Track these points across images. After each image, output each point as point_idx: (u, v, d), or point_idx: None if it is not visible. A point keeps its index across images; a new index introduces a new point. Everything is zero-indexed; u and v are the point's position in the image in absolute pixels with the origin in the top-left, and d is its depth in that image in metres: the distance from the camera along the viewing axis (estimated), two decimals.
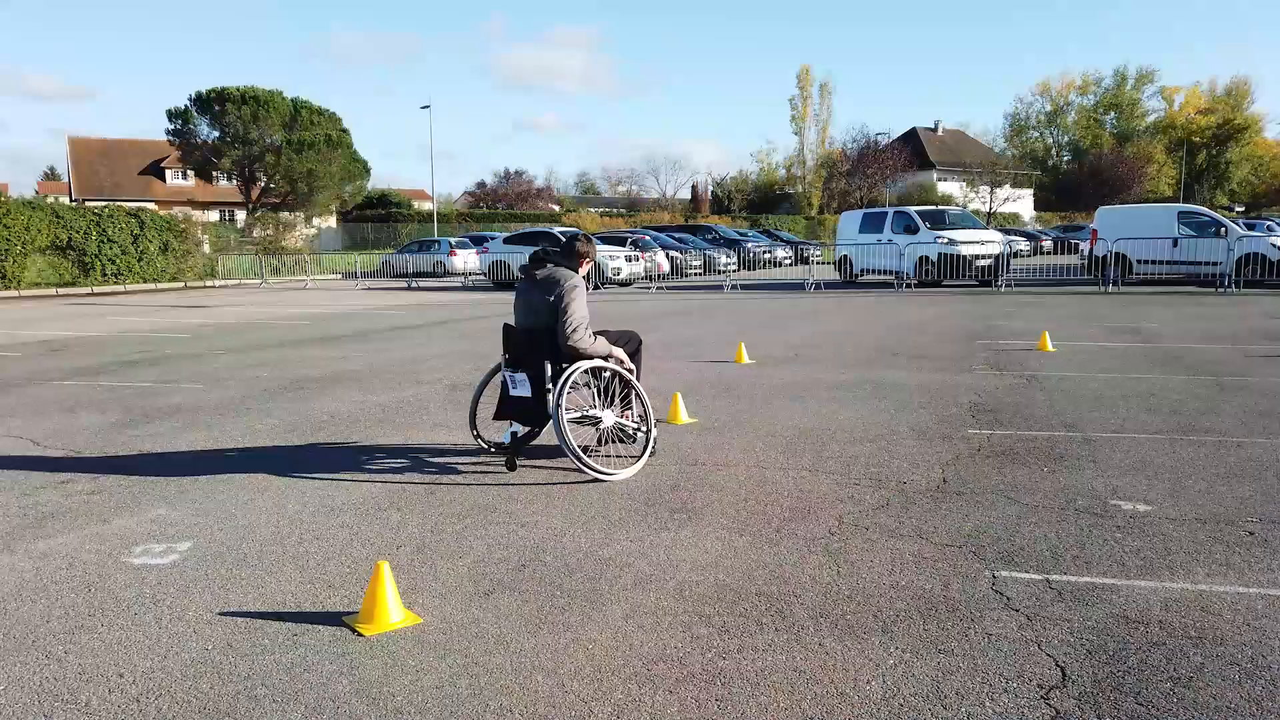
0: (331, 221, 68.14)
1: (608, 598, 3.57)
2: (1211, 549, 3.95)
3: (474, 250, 34.46)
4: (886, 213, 26.05)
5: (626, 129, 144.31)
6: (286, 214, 59.24)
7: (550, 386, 5.36)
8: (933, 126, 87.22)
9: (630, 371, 5.82)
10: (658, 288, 26.26)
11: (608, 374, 5.63)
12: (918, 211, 25.19)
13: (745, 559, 3.97)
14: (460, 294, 25.91)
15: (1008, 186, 75.42)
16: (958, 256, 22.99)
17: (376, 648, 3.16)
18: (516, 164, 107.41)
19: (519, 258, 27.81)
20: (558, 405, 5.24)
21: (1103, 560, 3.85)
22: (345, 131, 65.53)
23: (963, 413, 6.97)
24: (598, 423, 5.62)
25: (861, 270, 25.99)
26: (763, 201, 77.92)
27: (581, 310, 5.45)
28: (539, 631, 3.27)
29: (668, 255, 30.55)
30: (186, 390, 8.95)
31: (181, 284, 33.60)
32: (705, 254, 31.76)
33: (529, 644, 3.17)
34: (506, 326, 5.75)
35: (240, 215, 62.82)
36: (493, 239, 33.11)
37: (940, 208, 29.24)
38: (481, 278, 30.53)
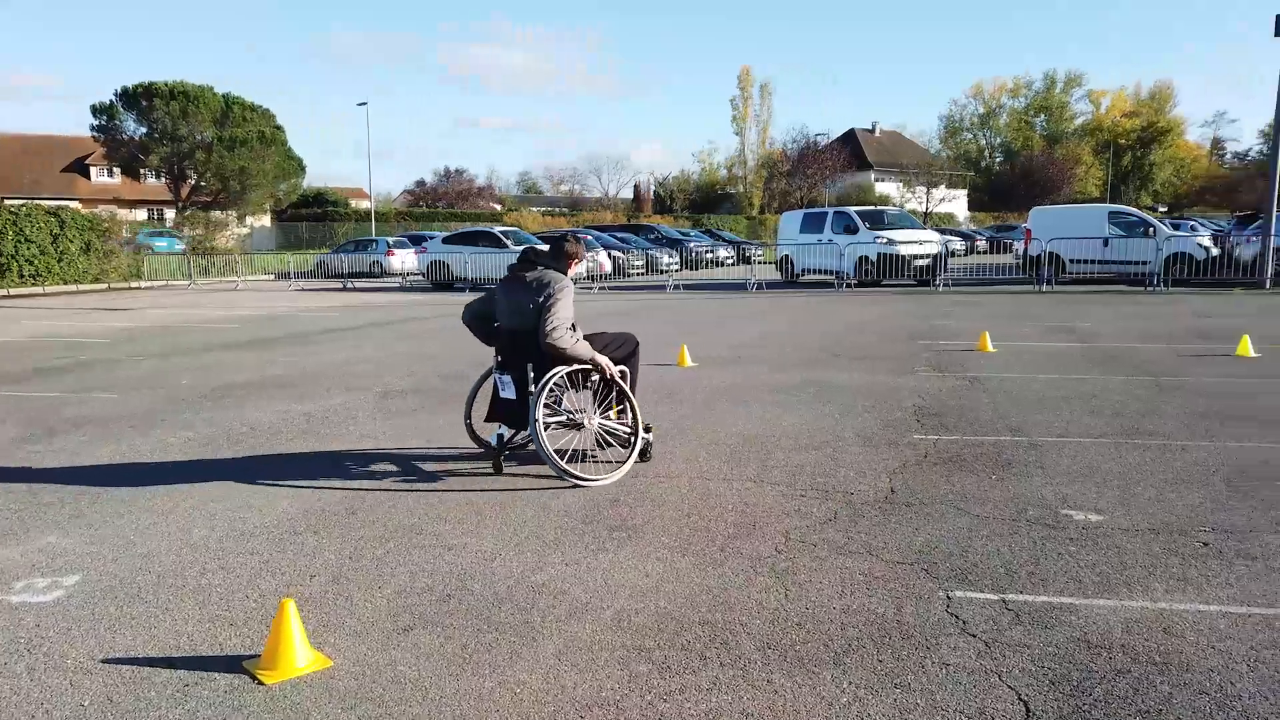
0: (266, 220, 66.44)
1: (539, 631, 3.29)
2: (1167, 562, 3.82)
3: (412, 250, 33.77)
4: (826, 213, 26.15)
5: (569, 129, 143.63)
6: (218, 213, 57.59)
7: (532, 389, 5.25)
8: (870, 128, 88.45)
9: (624, 376, 5.66)
10: (600, 287, 25.99)
11: (596, 377, 5.48)
12: (857, 211, 25.32)
13: (688, 582, 3.73)
14: (397, 295, 25.31)
15: (943, 187, 76.85)
16: (897, 256, 23.15)
17: (278, 699, 2.83)
18: (460, 163, 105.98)
19: (458, 258, 27.32)
20: (535, 408, 5.12)
21: (1058, 577, 3.69)
22: (279, 129, 63.89)
23: (907, 416, 6.84)
24: (580, 426, 5.46)
25: (803, 270, 26.04)
26: (705, 201, 78.14)
27: (565, 311, 5.32)
28: (461, 674, 2.98)
29: (610, 255, 30.29)
30: (98, 400, 8.41)
31: (105, 285, 32.29)
32: (648, 253, 31.57)
33: (450, 689, 2.88)
34: (495, 328, 5.67)
35: (170, 214, 60.85)
36: (431, 238, 32.50)
37: (879, 208, 29.48)
38: (420, 278, 29.91)
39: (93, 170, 65.79)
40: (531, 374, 5.32)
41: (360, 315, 17.88)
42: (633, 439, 5.52)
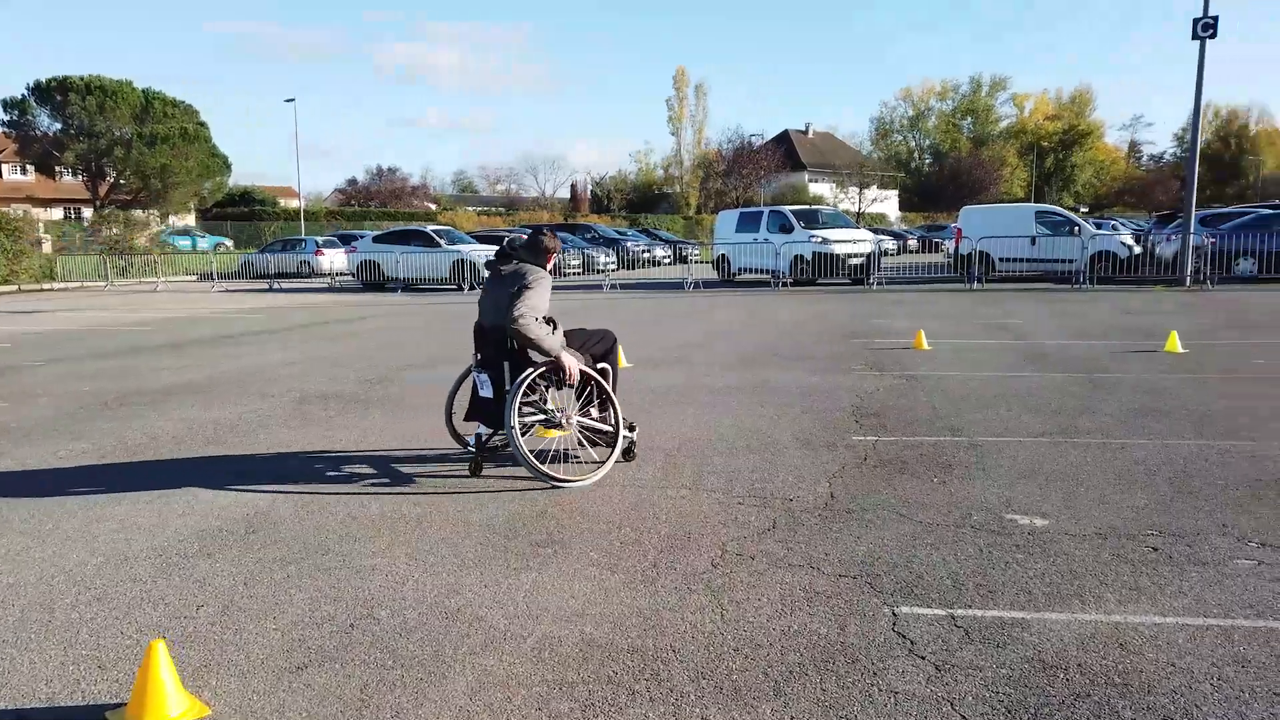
0: (191, 220, 64.32)
1: (451, 665, 2.97)
2: (1118, 570, 3.66)
3: (342, 250, 32.90)
4: (762, 212, 26.15)
5: (505, 129, 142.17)
6: (139, 212, 55.44)
7: (508, 389, 5.14)
8: (803, 129, 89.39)
9: (604, 374, 5.54)
10: None
11: (577, 376, 5.30)
12: (792, 211, 25.36)
13: (617, 604, 3.44)
14: (325, 296, 24.54)
15: (875, 188, 78.05)
16: (831, 255, 23.24)
17: None
18: (396, 162, 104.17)
19: (389, 257, 26.63)
20: (510, 410, 5.00)
21: (1008, 588, 3.50)
22: (203, 125, 61.88)
23: (845, 417, 6.66)
24: (560, 425, 5.34)
25: (739, 269, 25.99)
26: (642, 201, 78.04)
27: (536, 299, 5.18)
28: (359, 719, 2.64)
29: None
30: None
31: (15, 287, 30.74)
32: (584, 253, 31.23)
33: None
34: (477, 325, 5.47)
35: (88, 213, 58.47)
36: (361, 238, 31.65)
37: (814, 207, 29.62)
38: (349, 279, 29.09)
39: (4, 167, 62.88)
40: (508, 373, 5.20)
41: (285, 317, 17.21)
42: (615, 438, 5.32)
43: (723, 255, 26.63)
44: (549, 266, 5.50)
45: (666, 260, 37.30)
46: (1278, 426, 6.10)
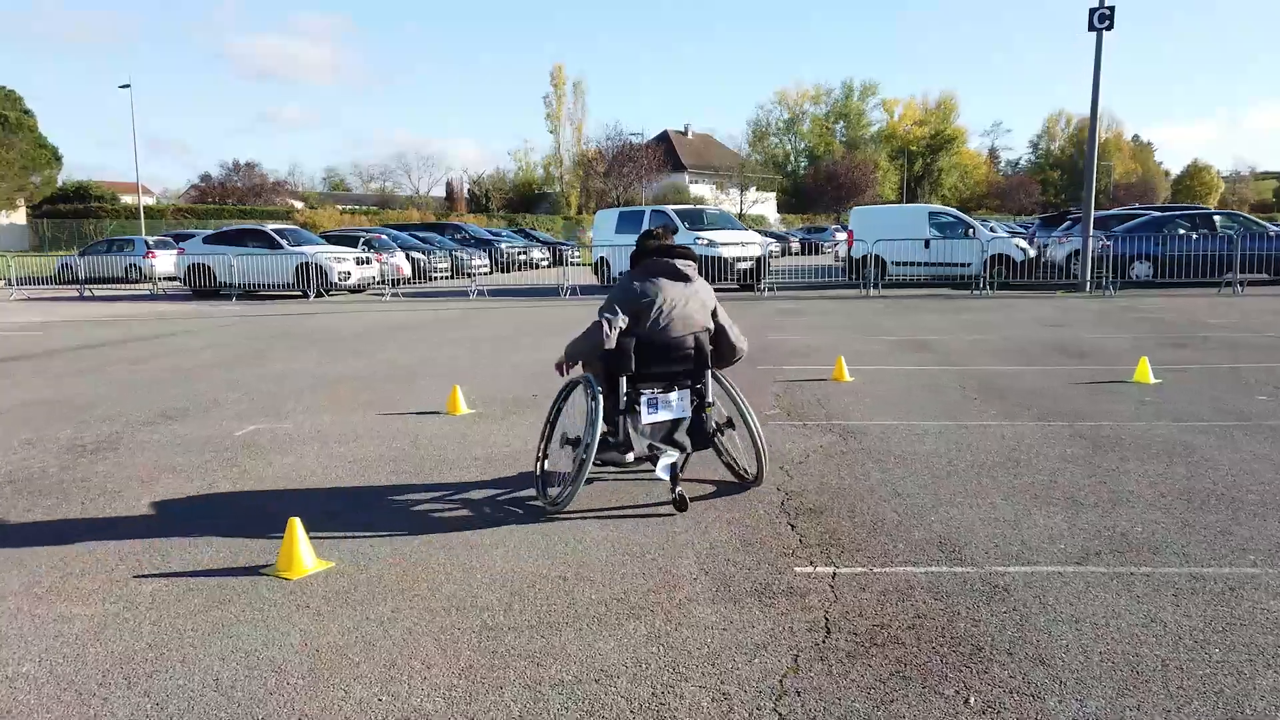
0: (20, 217, 57.91)
1: None
2: None
3: (176, 251, 29.07)
4: (644, 212, 24.09)
5: (379, 125, 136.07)
6: None
7: (712, 401, 4.78)
8: (683, 130, 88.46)
9: None
10: (392, 294, 22.71)
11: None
12: (676, 211, 23.42)
13: None
14: (144, 305, 21.04)
15: (754, 190, 77.66)
16: (719, 259, 21.37)
17: None
18: (262, 159, 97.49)
19: (221, 260, 23.25)
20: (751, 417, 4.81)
21: None
22: (28, 113, 55.89)
23: (774, 517, 4.47)
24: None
25: (618, 273, 23.85)
26: (521, 201, 75.30)
27: None
28: None
29: (409, 257, 27.00)
30: None
31: None
32: (453, 255, 28.49)
33: None
34: (652, 342, 4.55)
35: None
36: (193, 237, 27.96)
37: (699, 207, 27.81)
38: (178, 284, 25.48)
39: None
40: (710, 384, 4.79)
41: (65, 336, 13.96)
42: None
43: (603, 258, 24.43)
44: None
45: (545, 263, 34.84)
46: None
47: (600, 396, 4.46)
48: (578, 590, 3.59)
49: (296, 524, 3.89)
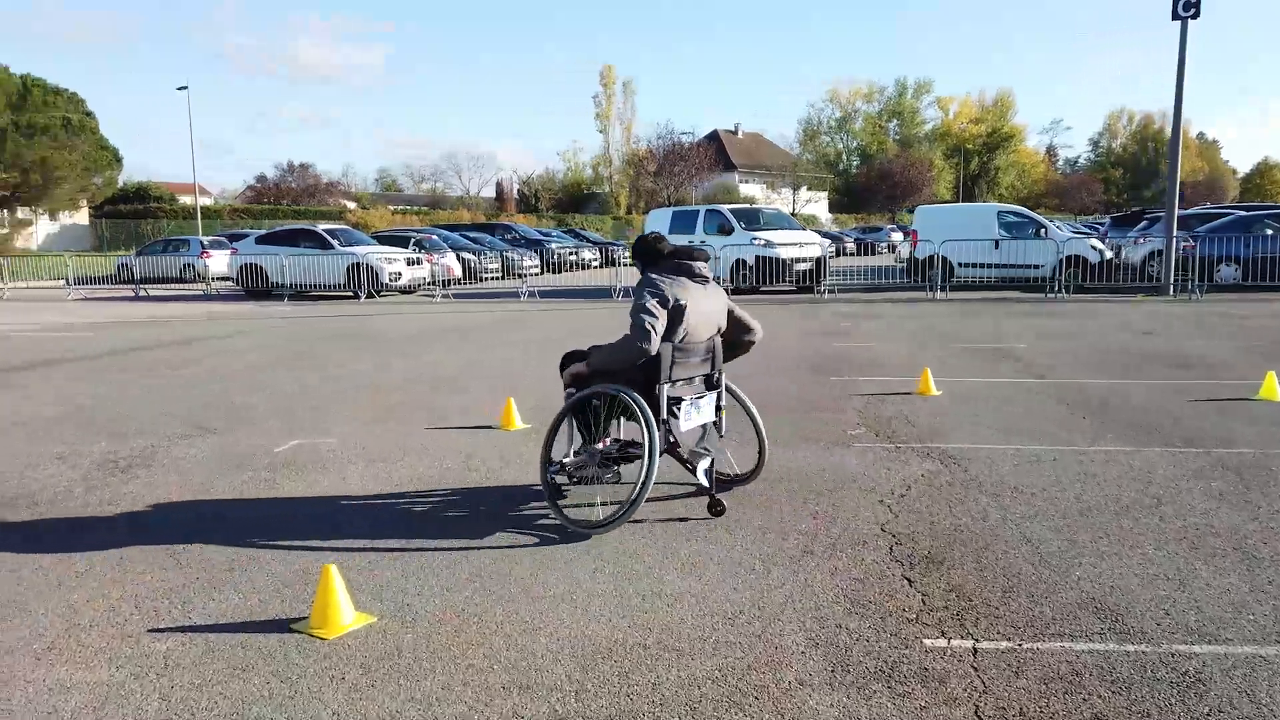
0: (83, 218, 59.21)
1: None
2: None
3: (230, 251, 29.18)
4: (698, 211, 23.42)
5: (430, 127, 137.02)
6: (24, 210, 50.51)
7: (721, 402, 4.72)
8: (733, 129, 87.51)
9: None
10: (442, 295, 22.36)
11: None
12: (732, 210, 22.72)
13: None
14: (197, 306, 20.96)
15: (805, 189, 76.47)
16: (776, 259, 20.62)
17: None
18: (318, 162, 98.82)
19: (273, 260, 23.14)
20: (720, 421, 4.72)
21: None
22: (90, 115, 56.92)
23: (885, 571, 3.82)
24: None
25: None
26: (570, 201, 75.10)
27: None
28: None
29: (459, 257, 26.71)
30: None
31: None
32: (504, 255, 28.13)
33: None
34: (685, 343, 4.42)
35: None
36: (246, 237, 27.98)
37: (755, 206, 27.08)
38: (232, 284, 25.45)
39: None
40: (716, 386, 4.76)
41: (116, 337, 13.76)
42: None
43: None
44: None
45: (595, 263, 34.34)
46: None
47: (649, 410, 4.23)
48: (662, 664, 3.00)
49: (333, 573, 3.35)
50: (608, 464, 4.53)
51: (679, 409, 4.38)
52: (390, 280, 22.51)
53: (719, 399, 4.69)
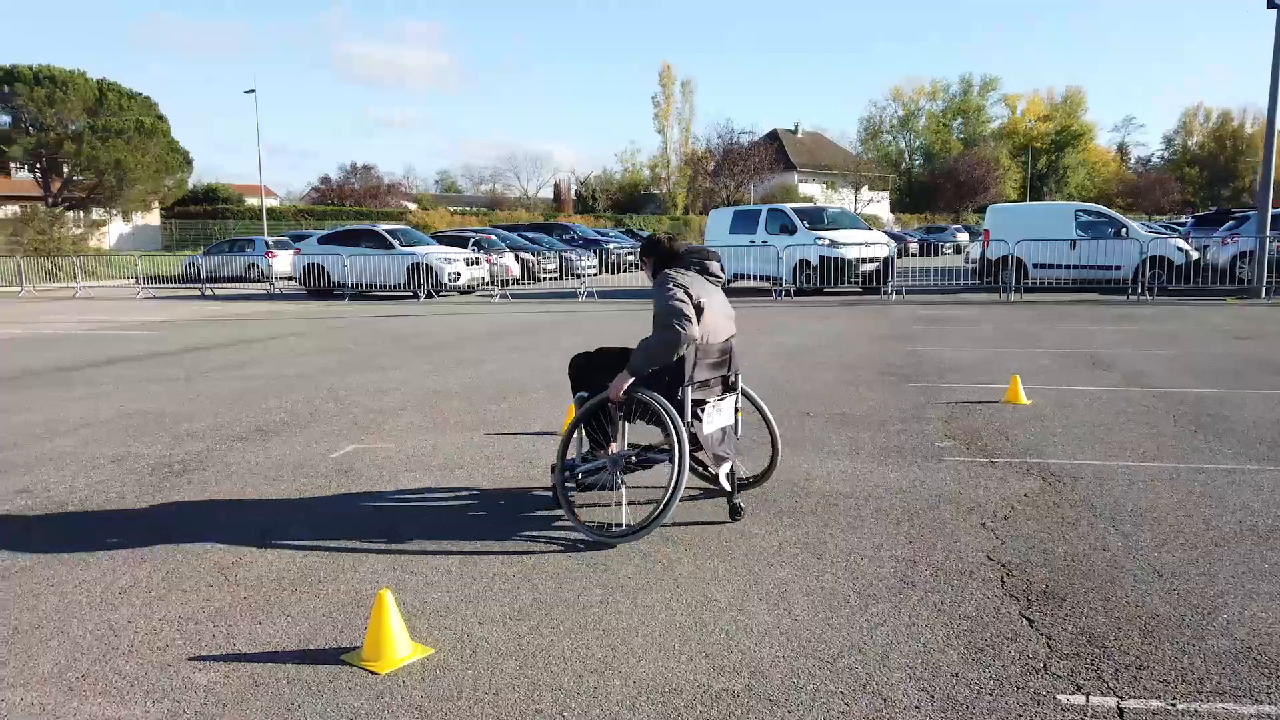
0: (153, 219, 60.89)
1: None
2: None
3: (293, 251, 29.57)
4: (760, 211, 22.94)
5: (487, 128, 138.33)
6: (99, 211, 52.13)
7: (738, 406, 4.63)
8: (793, 128, 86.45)
9: None
10: (501, 295, 22.26)
11: None
12: (795, 209, 22.20)
13: None
14: (262, 305, 21.17)
15: (866, 189, 75.19)
16: (841, 260, 20.06)
17: None
18: (379, 163, 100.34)
19: (335, 260, 23.29)
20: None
21: None
22: (162, 118, 58.38)
23: (1000, 608, 3.40)
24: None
25: (734, 275, 22.82)
26: (628, 201, 74.96)
27: None
28: None
29: (518, 257, 26.64)
30: None
31: None
32: (562, 256, 27.96)
33: None
34: (710, 347, 4.35)
35: (42, 211, 54.91)
36: (309, 238, 28.28)
37: (819, 205, 26.48)
38: (294, 283, 25.73)
39: None
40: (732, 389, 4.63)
41: (181, 336, 13.84)
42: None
43: None
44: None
45: None
46: None
47: (676, 413, 4.11)
48: (756, 717, 2.63)
49: (388, 602, 3.04)
50: (628, 469, 4.43)
51: (702, 411, 4.27)
52: (449, 280, 22.48)
53: (736, 401, 4.62)
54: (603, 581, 3.68)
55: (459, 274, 22.80)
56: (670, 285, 4.26)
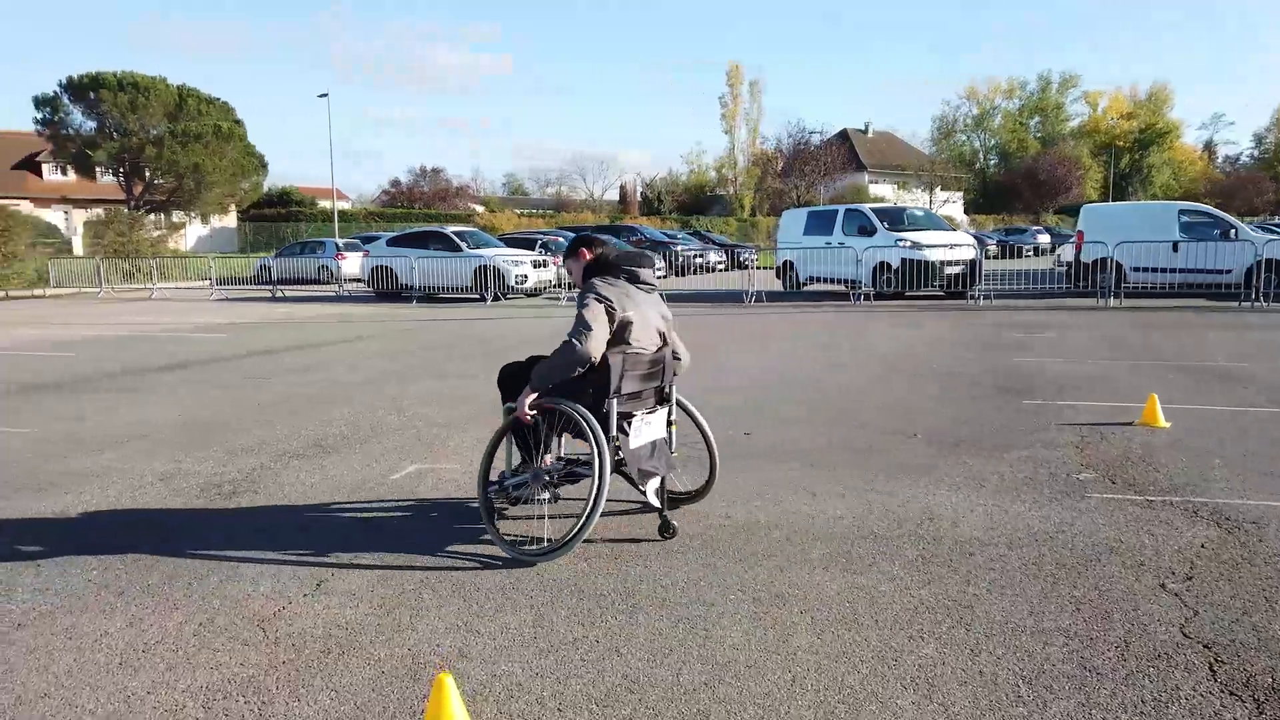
0: (230, 221, 62.42)
1: None
2: None
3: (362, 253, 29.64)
4: (836, 211, 22.07)
5: (553, 131, 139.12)
6: (179, 213, 53.61)
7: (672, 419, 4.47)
8: (863, 128, 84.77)
9: None
10: (567, 298, 21.80)
11: None
12: (874, 209, 21.29)
13: None
14: (330, 307, 21.07)
15: (939, 189, 73.21)
16: (924, 262, 19.07)
17: None
18: (448, 166, 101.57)
19: (403, 262, 23.10)
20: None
21: None
22: (239, 123, 59.71)
23: (1220, 709, 2.68)
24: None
25: (809, 278, 22.00)
26: (694, 203, 74.30)
27: None
28: None
29: None
30: None
31: (1, 294, 28.03)
32: None
33: None
34: (642, 357, 4.14)
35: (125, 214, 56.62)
36: (377, 239, 28.27)
37: (899, 206, 25.47)
38: (363, 285, 25.68)
39: (44, 167, 60.81)
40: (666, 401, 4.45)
41: (248, 340, 13.64)
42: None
43: (788, 261, 22.62)
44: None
45: (721, 266, 33.20)
46: None
47: (598, 425, 3.90)
48: None
49: (448, 686, 2.46)
50: (551, 484, 4.28)
51: (629, 425, 4.10)
52: (516, 283, 22.12)
53: (669, 414, 4.42)
54: (705, 655, 3.04)
55: (526, 276, 22.43)
56: (588, 297, 4.05)
